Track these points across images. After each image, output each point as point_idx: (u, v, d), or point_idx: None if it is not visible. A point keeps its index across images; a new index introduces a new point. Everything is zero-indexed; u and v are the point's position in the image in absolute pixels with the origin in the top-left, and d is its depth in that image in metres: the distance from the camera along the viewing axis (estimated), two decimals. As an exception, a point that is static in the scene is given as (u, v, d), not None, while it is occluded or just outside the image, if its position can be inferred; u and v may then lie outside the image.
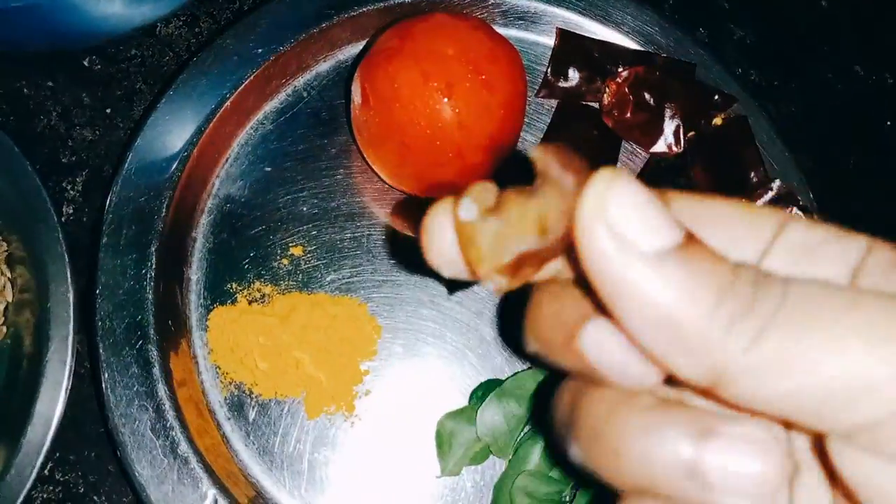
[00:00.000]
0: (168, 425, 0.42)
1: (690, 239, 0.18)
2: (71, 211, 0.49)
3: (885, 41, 0.59)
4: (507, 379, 0.46)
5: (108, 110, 0.51)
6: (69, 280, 0.43)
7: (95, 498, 0.45)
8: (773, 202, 0.49)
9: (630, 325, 0.18)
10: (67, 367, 0.42)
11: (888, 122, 0.57)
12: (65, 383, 0.42)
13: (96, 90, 0.51)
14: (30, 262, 0.44)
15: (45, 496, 0.45)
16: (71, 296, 0.42)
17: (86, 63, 0.52)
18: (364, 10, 0.50)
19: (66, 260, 0.43)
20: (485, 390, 0.46)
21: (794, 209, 0.49)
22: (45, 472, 0.45)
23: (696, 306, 0.17)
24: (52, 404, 0.41)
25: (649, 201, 0.18)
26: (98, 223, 0.46)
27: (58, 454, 0.45)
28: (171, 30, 0.53)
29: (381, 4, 0.51)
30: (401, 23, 0.45)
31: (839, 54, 0.58)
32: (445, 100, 0.42)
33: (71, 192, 0.49)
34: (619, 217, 0.18)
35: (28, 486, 0.40)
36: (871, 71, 0.58)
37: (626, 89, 0.50)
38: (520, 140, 0.51)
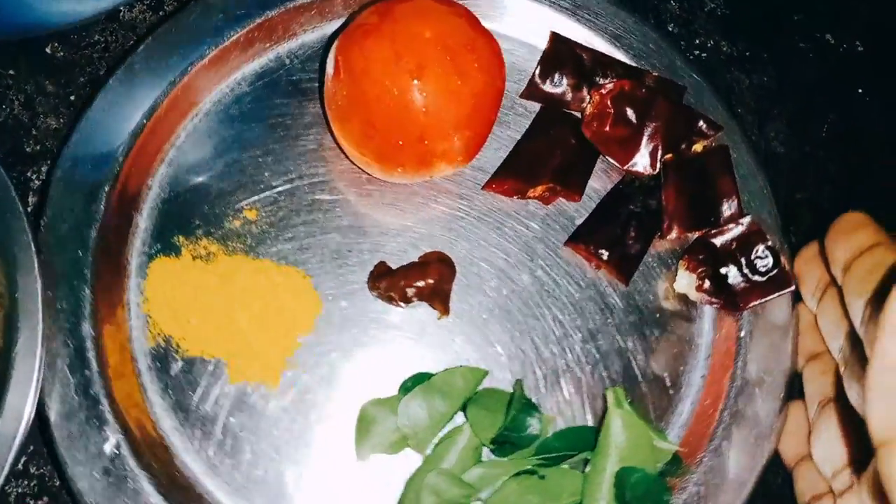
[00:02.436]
0: (86, 364, 0.42)
1: None
2: (37, 200, 0.48)
3: (855, 10, 0.59)
4: (437, 374, 0.45)
5: (73, 97, 0.50)
6: (37, 270, 0.41)
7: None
8: (741, 237, 0.48)
9: None
10: (38, 359, 0.40)
11: (860, 90, 0.57)
12: (35, 375, 0.39)
13: (59, 77, 0.51)
14: None
15: (19, 490, 0.44)
16: (39, 286, 0.40)
17: (48, 50, 0.51)
18: (358, -17, 0.50)
19: (34, 250, 0.41)
20: (414, 382, 0.45)
21: (762, 247, 0.47)
22: (20, 466, 0.44)
23: None
24: (23, 397, 0.39)
25: None
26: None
27: (31, 447, 0.44)
28: (135, 14, 0.52)
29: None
30: (384, 1, 0.45)
31: (810, 23, 0.58)
32: (414, 81, 0.42)
33: (36, 181, 0.48)
34: None
35: (1, 480, 0.38)
36: (841, 39, 0.58)
37: (609, 102, 0.49)
38: (497, 139, 0.50)
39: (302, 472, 0.44)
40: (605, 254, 0.48)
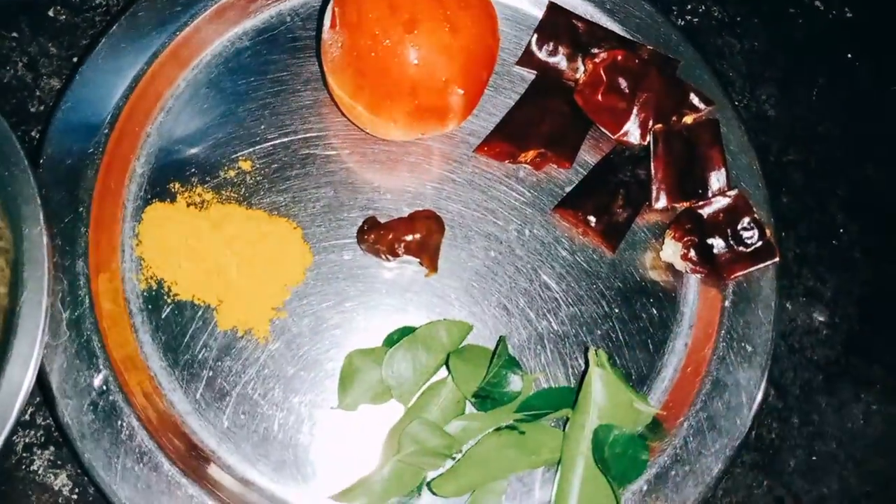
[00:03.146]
0: (78, 301, 0.43)
1: None
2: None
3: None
4: (420, 327, 0.46)
5: (75, 59, 0.51)
6: (42, 222, 0.41)
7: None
8: (728, 209, 0.48)
9: None
10: (44, 308, 0.40)
11: (848, 55, 0.59)
12: (42, 325, 0.39)
13: (62, 39, 0.51)
14: (2, 208, 0.42)
15: (26, 440, 0.45)
16: (45, 238, 0.41)
17: (50, 13, 0.52)
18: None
19: (39, 202, 0.41)
20: (400, 335, 0.46)
21: (748, 219, 0.48)
22: (26, 416, 0.45)
23: None
24: (29, 348, 0.39)
25: None
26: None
27: (38, 398, 0.45)
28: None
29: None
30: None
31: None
32: (406, 34, 0.42)
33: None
34: None
35: (8, 430, 0.38)
36: (830, 6, 0.60)
37: (602, 71, 0.49)
38: (491, 106, 0.51)
39: (287, 418, 0.44)
40: (592, 220, 0.49)
